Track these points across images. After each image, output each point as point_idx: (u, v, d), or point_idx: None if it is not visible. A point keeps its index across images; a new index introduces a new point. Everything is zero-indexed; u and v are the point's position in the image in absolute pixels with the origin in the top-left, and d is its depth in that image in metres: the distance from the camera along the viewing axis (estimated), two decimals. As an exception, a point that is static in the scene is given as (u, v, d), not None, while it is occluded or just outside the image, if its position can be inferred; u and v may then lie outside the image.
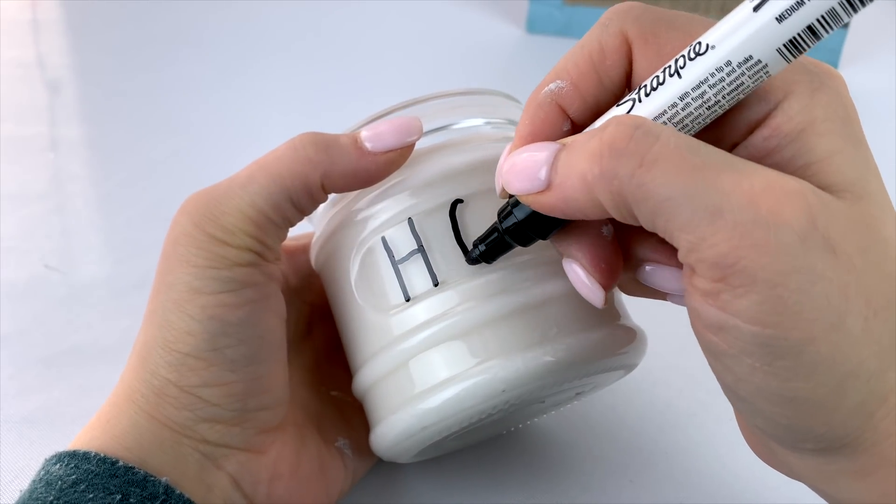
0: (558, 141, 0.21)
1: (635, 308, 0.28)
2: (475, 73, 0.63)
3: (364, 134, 0.25)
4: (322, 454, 0.28)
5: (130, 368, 0.25)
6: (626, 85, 0.22)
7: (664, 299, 0.24)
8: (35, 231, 0.44)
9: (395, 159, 0.25)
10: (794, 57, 0.18)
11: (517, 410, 0.27)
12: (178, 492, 0.24)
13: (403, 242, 0.25)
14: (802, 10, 0.17)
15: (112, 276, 0.41)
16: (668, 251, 0.22)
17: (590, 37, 0.22)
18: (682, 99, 0.19)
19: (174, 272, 0.25)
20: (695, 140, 0.18)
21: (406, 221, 0.25)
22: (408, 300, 0.25)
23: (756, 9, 0.18)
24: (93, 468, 0.23)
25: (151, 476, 0.23)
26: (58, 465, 0.23)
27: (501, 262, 0.25)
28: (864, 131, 0.20)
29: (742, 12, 0.18)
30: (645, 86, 0.20)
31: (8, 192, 0.47)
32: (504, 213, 0.23)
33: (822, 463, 0.20)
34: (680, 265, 0.21)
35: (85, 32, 0.68)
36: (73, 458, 0.23)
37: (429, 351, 0.25)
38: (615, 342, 0.25)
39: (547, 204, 0.20)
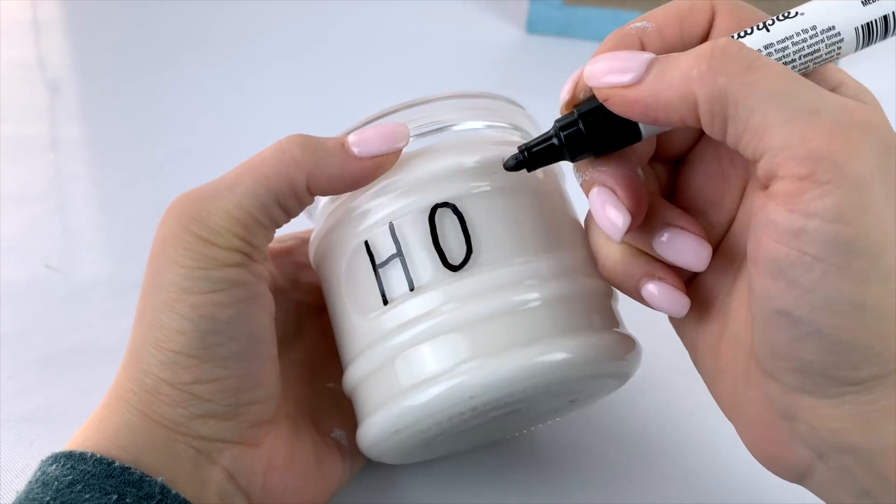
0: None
1: (635, 308, 0.28)
2: (475, 73, 0.63)
3: (351, 139, 0.25)
4: (318, 445, 0.29)
5: (123, 369, 0.26)
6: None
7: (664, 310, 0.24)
8: (36, 231, 0.44)
9: (381, 164, 0.25)
10: (865, 42, 0.21)
11: (510, 414, 0.27)
12: (174, 491, 0.24)
13: (385, 246, 0.26)
14: (883, 1, 0.21)
15: (112, 275, 0.41)
16: (689, 219, 0.24)
17: (680, 0, 0.23)
18: (766, 48, 0.21)
19: (163, 273, 0.25)
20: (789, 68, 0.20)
21: (388, 226, 0.26)
22: (386, 304, 0.26)
23: None
24: (89, 468, 0.23)
25: (147, 476, 0.23)
26: (54, 466, 0.23)
27: (480, 267, 0.25)
28: None
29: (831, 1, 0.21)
30: (734, 35, 0.22)
31: (8, 192, 0.47)
32: (567, 121, 0.23)
33: (864, 403, 0.20)
34: (701, 234, 0.23)
35: (85, 32, 0.68)
36: (69, 459, 0.23)
37: (404, 354, 0.25)
38: (598, 348, 0.25)
39: (632, 97, 0.21)
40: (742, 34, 0.21)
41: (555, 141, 0.23)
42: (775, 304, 0.20)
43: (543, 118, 0.37)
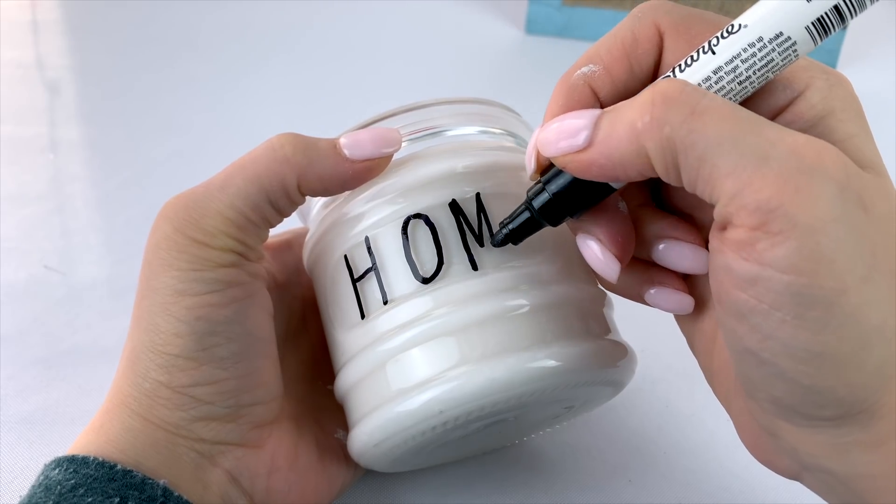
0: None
1: (636, 308, 0.28)
2: (474, 74, 0.63)
3: (343, 141, 0.25)
4: (321, 446, 0.29)
5: (121, 374, 0.26)
6: (655, 74, 0.23)
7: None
8: (35, 232, 0.44)
9: (371, 168, 0.26)
10: (821, 38, 0.19)
11: (501, 423, 0.27)
12: (176, 494, 0.24)
13: (361, 260, 0.26)
14: None
15: (112, 276, 0.41)
16: (682, 227, 0.24)
17: (622, 26, 0.23)
18: (715, 73, 0.20)
19: (158, 276, 0.25)
20: (735, 104, 0.19)
21: (364, 240, 0.26)
22: (363, 318, 0.26)
23: None
24: (91, 472, 0.23)
25: (150, 479, 0.23)
26: (56, 470, 0.23)
27: (452, 277, 0.25)
28: None
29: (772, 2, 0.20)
30: (679, 64, 0.21)
31: (8, 193, 0.47)
32: (535, 191, 0.23)
33: (835, 436, 0.20)
34: (696, 240, 0.23)
35: (85, 33, 0.68)
36: (71, 463, 0.23)
37: (384, 365, 0.25)
38: (588, 355, 0.25)
39: (587, 160, 0.20)
40: (689, 61, 0.21)
41: (527, 214, 0.23)
42: (742, 343, 0.20)
43: (542, 118, 0.37)
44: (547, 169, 0.23)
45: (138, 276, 0.26)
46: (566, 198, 0.22)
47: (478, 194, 0.26)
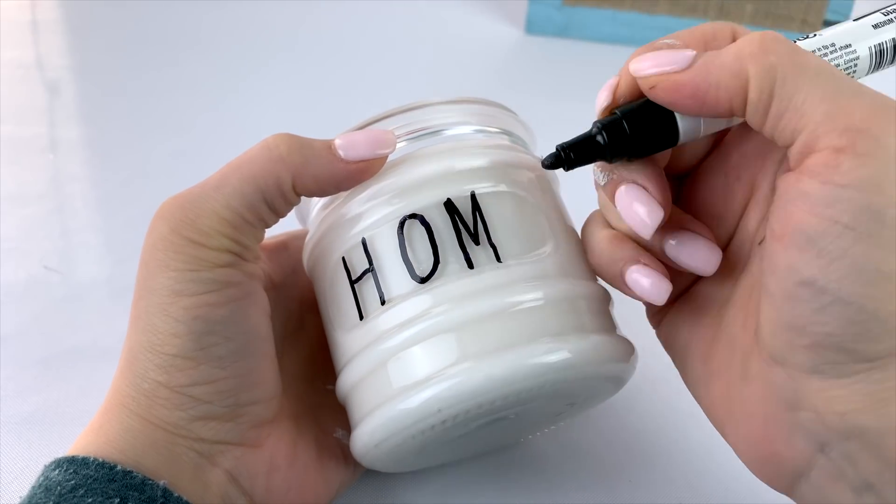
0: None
1: (636, 308, 0.28)
2: (474, 74, 0.63)
3: (338, 141, 0.26)
4: (320, 445, 0.29)
5: (119, 375, 0.26)
6: None
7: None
8: (35, 232, 0.44)
9: (365, 168, 0.26)
10: (877, 63, 0.23)
11: (502, 420, 0.27)
12: (176, 494, 0.24)
13: (359, 262, 0.26)
14: (891, 26, 0.24)
15: (112, 276, 0.41)
16: (701, 224, 0.25)
17: (700, 25, 0.24)
18: None
19: (155, 277, 0.25)
20: None
21: (360, 241, 0.26)
22: (361, 319, 0.26)
23: (856, 19, 0.24)
24: (91, 473, 0.23)
25: (150, 479, 0.23)
26: (57, 471, 0.23)
27: (449, 277, 0.25)
28: None
29: (849, 22, 0.24)
30: None
31: (7, 193, 0.47)
32: (607, 119, 0.23)
33: (876, 382, 0.20)
34: (710, 237, 0.24)
35: (85, 33, 0.68)
36: (71, 464, 0.23)
37: (385, 364, 0.25)
38: (592, 350, 0.25)
39: (683, 79, 0.21)
40: None
41: (599, 139, 0.23)
42: (801, 275, 0.20)
43: (542, 118, 0.37)
44: (620, 105, 0.23)
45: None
46: (639, 132, 0.23)
47: (473, 193, 0.26)
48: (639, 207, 0.23)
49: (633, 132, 0.23)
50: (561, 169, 0.24)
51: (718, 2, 0.65)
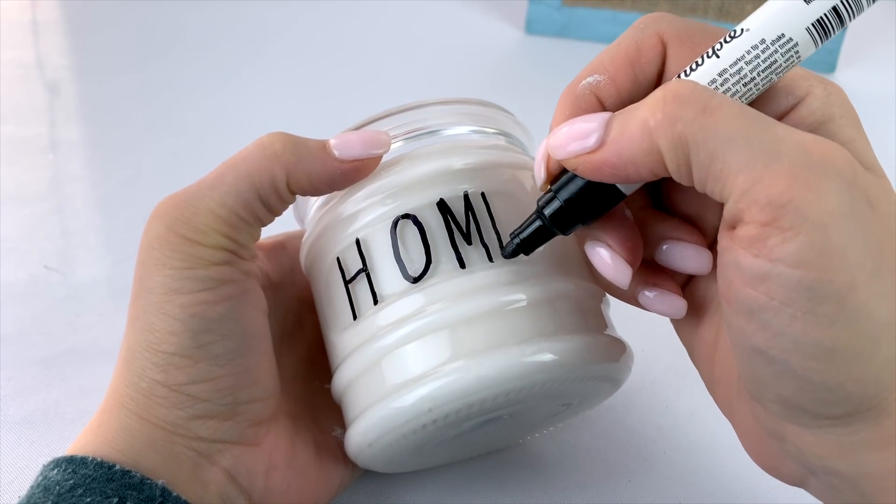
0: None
1: (635, 308, 0.28)
2: (474, 74, 0.63)
3: (333, 141, 0.26)
4: (318, 444, 0.29)
5: (118, 374, 0.26)
6: (658, 82, 0.23)
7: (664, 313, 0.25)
8: (35, 232, 0.44)
9: (359, 168, 0.26)
10: (822, 39, 0.20)
11: (498, 420, 0.27)
12: (174, 494, 0.24)
13: (353, 262, 0.26)
14: None
15: (112, 276, 0.41)
16: (684, 228, 0.24)
17: (625, 37, 0.23)
18: (720, 75, 0.21)
19: (151, 276, 0.25)
20: (743, 104, 0.20)
21: (354, 241, 0.26)
22: (355, 319, 0.26)
23: None
24: (90, 472, 0.23)
25: (148, 479, 0.24)
26: (55, 471, 0.23)
27: (441, 276, 0.25)
28: None
29: (773, 2, 0.20)
30: (685, 69, 0.21)
31: (8, 193, 0.47)
32: (546, 200, 0.23)
33: (843, 435, 0.20)
34: (698, 241, 0.23)
35: (85, 33, 0.68)
36: (70, 464, 0.23)
37: (379, 363, 0.25)
38: (584, 350, 0.25)
39: (599, 160, 0.21)
40: (693, 66, 0.21)
41: (538, 223, 0.23)
42: (750, 342, 0.20)
43: (542, 118, 0.37)
44: (556, 178, 0.23)
45: (133, 277, 0.26)
46: (577, 205, 0.22)
47: (466, 193, 0.26)
48: (605, 268, 0.23)
49: (570, 206, 0.22)
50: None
51: (718, 2, 0.65)
